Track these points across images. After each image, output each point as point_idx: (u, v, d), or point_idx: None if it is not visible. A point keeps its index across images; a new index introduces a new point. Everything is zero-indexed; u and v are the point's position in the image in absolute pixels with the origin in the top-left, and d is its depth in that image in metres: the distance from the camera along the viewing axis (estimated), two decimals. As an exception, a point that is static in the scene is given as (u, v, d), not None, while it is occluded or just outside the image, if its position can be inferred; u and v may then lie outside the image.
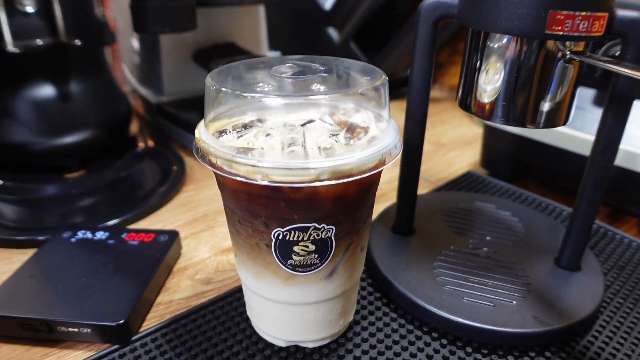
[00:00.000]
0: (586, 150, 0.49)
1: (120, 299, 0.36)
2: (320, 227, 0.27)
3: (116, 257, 0.41)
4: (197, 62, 0.70)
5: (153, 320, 0.37)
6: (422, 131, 0.38)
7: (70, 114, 0.55)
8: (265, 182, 0.25)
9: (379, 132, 0.28)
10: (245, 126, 0.30)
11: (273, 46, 0.85)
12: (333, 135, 0.29)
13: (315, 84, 0.28)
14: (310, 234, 0.27)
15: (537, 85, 0.32)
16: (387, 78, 0.29)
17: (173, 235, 0.44)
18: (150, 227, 0.49)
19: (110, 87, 0.61)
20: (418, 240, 0.43)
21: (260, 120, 0.31)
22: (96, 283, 0.38)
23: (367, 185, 0.28)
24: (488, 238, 0.43)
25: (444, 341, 0.35)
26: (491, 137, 0.58)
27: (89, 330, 0.34)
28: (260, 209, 0.27)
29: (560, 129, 0.51)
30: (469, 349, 0.34)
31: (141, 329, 0.36)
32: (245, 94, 0.27)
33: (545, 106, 0.32)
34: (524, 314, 0.35)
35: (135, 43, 0.75)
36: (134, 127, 0.72)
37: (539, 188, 0.58)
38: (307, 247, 0.28)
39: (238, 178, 0.25)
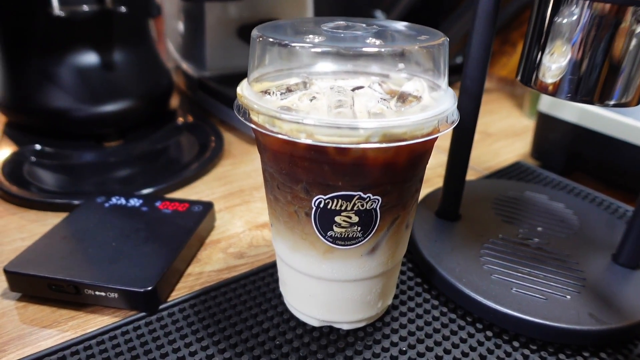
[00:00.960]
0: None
1: (150, 266, 0.35)
2: (365, 196, 0.25)
3: (148, 224, 0.40)
4: (241, 38, 0.69)
5: (182, 290, 0.36)
6: (477, 109, 0.36)
7: (112, 82, 0.55)
8: (309, 142, 0.23)
9: (432, 101, 0.26)
10: (290, 89, 0.28)
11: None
12: (383, 100, 0.26)
13: (369, 39, 0.26)
14: (354, 204, 0.25)
15: (611, 58, 0.28)
16: (448, 39, 0.26)
17: (207, 206, 0.43)
18: (188, 198, 0.48)
19: (153, 60, 0.61)
20: (464, 226, 0.40)
21: (305, 84, 0.29)
22: (126, 249, 0.37)
23: (419, 154, 0.26)
24: (539, 229, 0.40)
25: (489, 333, 0.32)
26: (545, 126, 0.54)
27: (116, 295, 0.33)
28: (302, 173, 0.25)
29: (624, 118, 0.47)
30: (516, 344, 0.31)
31: (169, 299, 0.35)
32: (294, 44, 0.24)
33: (619, 82, 0.29)
34: (579, 310, 0.32)
35: (181, 18, 0.74)
36: (175, 101, 0.72)
37: (594, 183, 0.54)
38: (349, 218, 0.26)
39: (280, 136, 0.23)
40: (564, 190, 0.50)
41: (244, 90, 0.26)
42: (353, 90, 0.28)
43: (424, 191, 0.45)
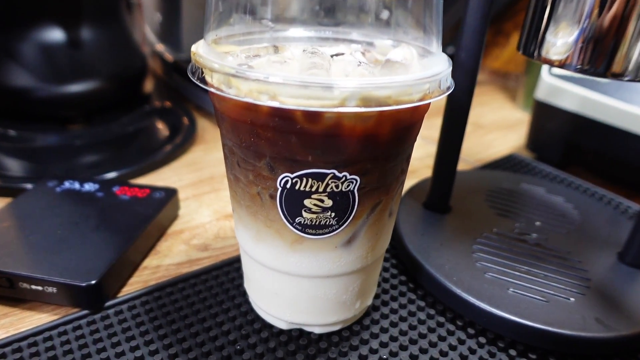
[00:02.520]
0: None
1: (96, 257, 0.30)
2: (340, 176, 0.21)
3: (101, 211, 0.35)
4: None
5: (135, 285, 0.32)
6: (472, 85, 0.32)
7: (78, 61, 0.51)
8: (273, 104, 0.18)
9: (423, 69, 0.22)
10: (258, 54, 0.24)
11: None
12: (366, 65, 0.22)
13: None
14: (327, 185, 0.21)
15: (629, 24, 0.25)
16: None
17: (170, 192, 0.38)
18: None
19: (125, 40, 0.56)
20: (454, 219, 0.36)
21: (276, 49, 0.25)
22: (73, 238, 0.32)
23: (406, 127, 0.21)
24: (537, 223, 0.36)
25: (482, 339, 0.28)
26: (542, 115, 0.50)
27: (54, 289, 0.29)
28: (265, 146, 0.21)
29: (628, 106, 0.43)
30: (512, 352, 0.28)
31: (119, 295, 0.31)
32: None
33: (637, 52, 0.25)
34: (585, 315, 0.28)
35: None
36: (150, 85, 0.67)
37: (593, 178, 0.50)
38: (321, 201, 0.22)
39: (238, 98, 0.19)
40: (562, 185, 0.46)
41: (199, 48, 0.22)
42: (332, 57, 0.24)
43: (409, 182, 0.41)
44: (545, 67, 0.49)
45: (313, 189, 0.21)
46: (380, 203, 0.23)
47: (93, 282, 0.28)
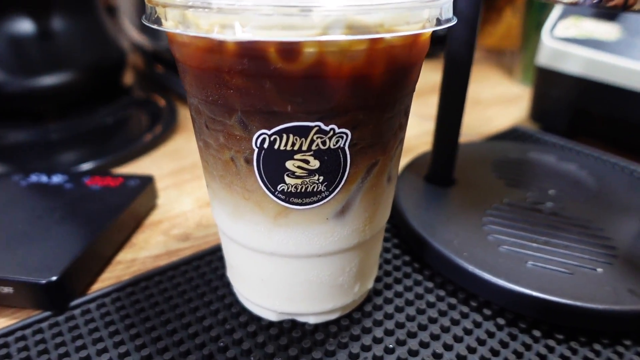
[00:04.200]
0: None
1: (59, 251, 0.27)
2: (327, 129, 0.17)
3: (69, 203, 0.32)
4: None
5: (107, 282, 0.28)
6: (473, 38, 0.28)
7: (50, 53, 0.48)
8: (239, 39, 0.15)
9: None
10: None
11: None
12: None
13: None
14: (313, 141, 0.18)
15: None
16: None
17: (145, 180, 0.35)
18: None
19: (100, 30, 0.53)
20: (460, 191, 0.32)
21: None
22: (35, 232, 0.29)
23: (403, 66, 0.18)
24: (551, 192, 0.33)
25: (501, 321, 0.25)
26: (545, 81, 0.47)
27: (10, 289, 0.25)
28: (236, 97, 0.17)
29: (638, 66, 0.40)
30: (536, 333, 0.24)
31: (89, 292, 0.27)
32: None
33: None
34: (616, 286, 0.24)
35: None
36: (131, 78, 0.64)
37: (603, 146, 0.47)
38: (307, 162, 0.18)
39: (195, 34, 0.16)
40: (572, 153, 0.43)
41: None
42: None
43: (405, 159, 0.37)
44: (546, 31, 0.46)
45: (296, 148, 0.18)
46: (377, 164, 0.20)
47: (54, 278, 0.25)
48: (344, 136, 0.18)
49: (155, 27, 0.17)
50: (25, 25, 0.46)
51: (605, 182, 0.35)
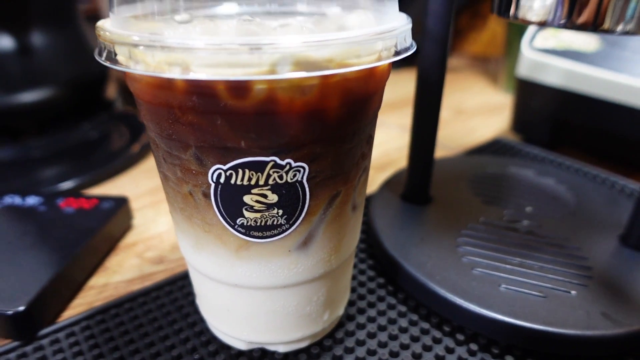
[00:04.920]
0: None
1: (28, 279, 0.26)
2: (284, 163, 0.17)
3: (41, 227, 0.31)
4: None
5: (78, 308, 0.28)
6: (444, 56, 0.28)
7: (29, 68, 0.47)
8: (186, 77, 0.15)
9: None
10: (183, 25, 0.20)
11: None
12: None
13: None
14: (269, 175, 0.17)
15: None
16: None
17: (120, 202, 0.34)
18: (105, 193, 0.40)
19: (80, 44, 0.52)
20: (436, 210, 0.32)
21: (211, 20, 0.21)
22: (4, 259, 0.28)
23: (360, 98, 0.18)
24: (528, 209, 0.33)
25: (474, 346, 0.24)
26: (526, 93, 0.47)
27: (-25, 320, 0.24)
28: (188, 133, 0.17)
29: (618, 76, 0.40)
30: (509, 358, 0.24)
31: (59, 320, 0.27)
32: None
33: (633, 3, 0.22)
34: (589, 310, 0.24)
35: None
36: (113, 91, 0.63)
37: (584, 156, 0.47)
38: (264, 196, 0.18)
39: (144, 73, 0.15)
40: (552, 166, 0.43)
41: (105, 23, 0.18)
42: (276, 28, 0.20)
43: (385, 174, 0.37)
44: (525, 42, 0.46)
45: (252, 182, 0.17)
46: (339, 195, 0.19)
47: (21, 308, 0.24)
48: (301, 170, 0.17)
49: (106, 64, 0.17)
50: (3, 41, 0.46)
51: (584, 197, 0.35)
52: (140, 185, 0.42)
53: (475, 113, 0.59)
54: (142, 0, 0.19)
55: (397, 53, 0.17)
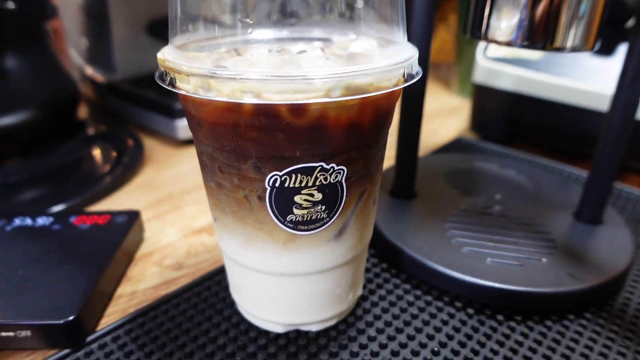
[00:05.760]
0: (589, 103, 0.45)
1: (69, 292, 0.28)
2: (328, 167, 0.21)
3: (63, 244, 0.33)
4: (152, 35, 0.63)
5: (113, 316, 0.30)
6: (426, 72, 0.33)
7: (5, 93, 0.48)
8: (257, 101, 0.18)
9: (386, 58, 0.23)
10: (222, 57, 0.24)
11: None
12: (334, 57, 0.23)
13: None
14: (317, 178, 0.21)
15: (563, 5, 0.27)
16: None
17: (133, 215, 0.37)
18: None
19: (53, 66, 0.53)
20: (422, 203, 0.37)
21: (237, 51, 0.25)
22: (37, 276, 0.30)
23: (384, 112, 0.22)
24: (497, 196, 0.38)
25: (470, 310, 0.29)
26: (482, 97, 0.53)
27: (29, 333, 0.27)
28: (251, 147, 0.20)
29: (560, 80, 0.46)
30: (499, 317, 0.29)
31: (98, 328, 0.29)
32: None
33: (574, 26, 0.27)
34: (558, 272, 0.30)
35: (82, 19, 0.67)
36: (84, 111, 0.64)
37: (535, 150, 0.53)
38: (312, 196, 0.22)
39: (220, 99, 0.19)
40: (510, 159, 0.49)
41: (167, 54, 0.22)
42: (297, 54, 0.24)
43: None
44: (479, 52, 0.52)
45: (302, 184, 0.21)
46: (366, 191, 0.24)
47: (71, 318, 0.27)
48: (342, 172, 0.22)
49: (174, 90, 0.20)
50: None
51: (540, 184, 0.41)
52: (140, 201, 0.44)
53: (434, 116, 0.65)
54: (188, 32, 0.22)
55: (410, 76, 0.22)
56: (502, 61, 0.50)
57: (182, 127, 0.54)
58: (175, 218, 0.41)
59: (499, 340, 0.27)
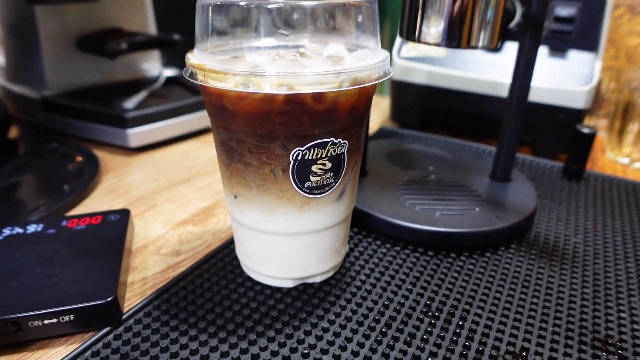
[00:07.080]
0: (486, 90, 0.56)
1: (98, 279, 0.32)
2: (337, 141, 0.28)
3: (67, 243, 0.36)
4: (83, 49, 0.64)
5: (134, 299, 0.34)
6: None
7: None
8: (292, 92, 0.25)
9: (357, 60, 0.29)
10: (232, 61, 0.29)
11: (161, 27, 0.79)
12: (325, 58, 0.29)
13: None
14: (328, 150, 0.28)
15: (476, 12, 0.36)
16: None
17: (124, 213, 0.40)
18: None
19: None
20: (374, 179, 0.45)
21: (239, 58, 0.30)
22: (57, 272, 0.33)
23: (370, 98, 0.29)
24: (431, 168, 0.48)
25: (430, 253, 0.38)
26: (399, 91, 0.63)
27: (71, 316, 0.30)
28: (281, 129, 0.26)
29: (462, 73, 0.57)
30: (453, 255, 0.38)
31: (125, 310, 0.33)
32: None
33: (483, 29, 0.37)
34: (489, 217, 0.39)
35: (4, 36, 0.65)
36: (13, 131, 0.63)
37: (446, 133, 0.64)
38: (324, 165, 0.28)
39: (261, 91, 0.25)
40: (429, 141, 0.59)
41: (202, 60, 0.27)
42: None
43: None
44: (394, 53, 0.62)
45: (318, 156, 0.28)
46: (357, 161, 0.31)
47: (110, 298, 0.30)
48: (345, 144, 0.28)
49: (217, 86, 0.25)
50: None
51: (460, 157, 0.51)
52: (114, 204, 0.47)
53: (356, 111, 0.74)
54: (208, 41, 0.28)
55: (388, 71, 0.29)
56: (414, 60, 0.60)
57: (134, 135, 0.57)
58: (155, 215, 0.45)
59: (456, 270, 0.36)
